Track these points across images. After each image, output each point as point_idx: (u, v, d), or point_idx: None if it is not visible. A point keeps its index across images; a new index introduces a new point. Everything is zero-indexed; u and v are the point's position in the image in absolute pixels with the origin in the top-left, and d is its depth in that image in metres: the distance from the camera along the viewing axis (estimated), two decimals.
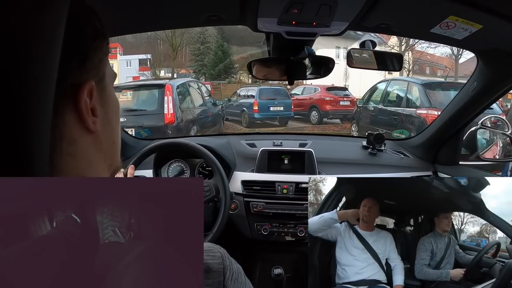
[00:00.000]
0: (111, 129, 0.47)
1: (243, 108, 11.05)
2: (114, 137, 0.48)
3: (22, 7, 0.26)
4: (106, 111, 0.45)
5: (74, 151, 0.40)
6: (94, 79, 0.42)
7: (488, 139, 1.78)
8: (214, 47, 21.49)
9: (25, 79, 0.27)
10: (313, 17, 1.01)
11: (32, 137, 0.29)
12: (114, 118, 0.48)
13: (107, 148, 0.46)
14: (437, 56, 21.21)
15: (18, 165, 0.28)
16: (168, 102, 5.78)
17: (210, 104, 7.89)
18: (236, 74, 21.97)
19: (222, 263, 0.55)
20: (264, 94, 10.91)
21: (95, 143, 0.43)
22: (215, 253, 0.56)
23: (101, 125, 0.44)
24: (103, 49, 0.44)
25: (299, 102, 11.87)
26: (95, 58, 0.42)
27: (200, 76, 20.88)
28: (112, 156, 0.48)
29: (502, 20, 0.91)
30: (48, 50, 0.29)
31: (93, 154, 0.43)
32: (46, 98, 0.30)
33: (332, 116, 11.34)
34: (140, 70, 19.69)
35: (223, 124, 9.13)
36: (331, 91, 11.54)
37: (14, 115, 0.27)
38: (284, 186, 1.60)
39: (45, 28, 0.28)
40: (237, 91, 12.64)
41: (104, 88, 0.45)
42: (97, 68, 0.43)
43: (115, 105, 0.49)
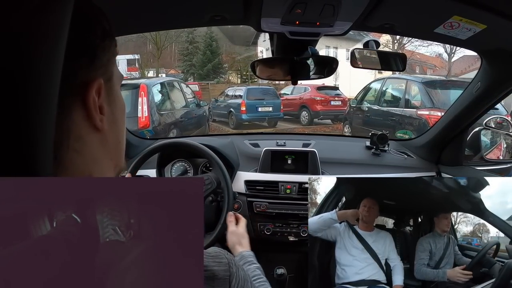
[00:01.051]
0: (117, 128, 0.48)
1: (231, 108, 10.75)
2: (120, 137, 0.49)
3: (26, 7, 0.26)
4: (112, 110, 0.46)
5: (81, 148, 0.40)
6: (103, 77, 0.43)
7: (492, 140, 1.78)
8: (202, 46, 21.38)
9: (29, 77, 0.27)
10: (316, 17, 1.01)
11: (36, 135, 0.29)
12: (120, 117, 0.48)
13: (113, 147, 0.47)
14: (427, 56, 21.24)
15: (23, 163, 0.29)
16: (143, 104, 5.33)
17: (194, 105, 7.54)
18: (225, 74, 21.92)
19: (228, 270, 0.55)
20: (252, 94, 10.60)
21: (102, 141, 0.44)
22: (221, 259, 0.55)
23: (108, 123, 0.44)
24: (111, 50, 0.45)
25: (289, 102, 11.56)
26: (104, 57, 0.43)
27: (188, 76, 20.80)
28: (117, 156, 0.48)
29: (506, 20, 0.90)
30: (52, 49, 0.29)
31: (100, 152, 0.44)
32: (50, 97, 0.30)
33: (323, 117, 11.02)
34: (129, 70, 19.17)
35: (209, 126, 8.76)
36: (321, 91, 11.18)
37: (19, 114, 0.27)
38: (288, 186, 1.60)
39: (49, 28, 0.28)
40: (224, 91, 12.30)
41: (112, 88, 0.46)
42: (105, 67, 0.44)
43: (121, 105, 0.49)
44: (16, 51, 0.26)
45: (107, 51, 0.44)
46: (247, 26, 1.17)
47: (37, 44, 0.27)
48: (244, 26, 1.17)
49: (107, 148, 0.45)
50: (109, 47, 0.44)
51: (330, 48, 16.83)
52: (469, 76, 12.81)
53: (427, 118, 5.51)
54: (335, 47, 16.89)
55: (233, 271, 0.55)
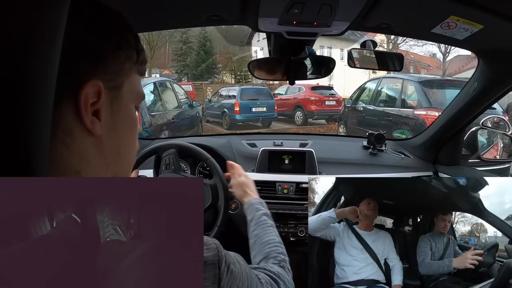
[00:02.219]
0: (117, 139, 0.47)
1: (224, 109, 10.70)
2: (120, 148, 0.48)
3: (22, 6, 0.26)
4: (115, 119, 0.46)
5: (70, 142, 0.41)
6: (106, 83, 0.43)
7: (489, 140, 1.78)
8: (196, 47, 21.41)
9: (25, 77, 0.27)
10: (314, 17, 1.01)
11: (31, 132, 0.29)
12: (123, 131, 0.48)
13: (110, 155, 0.47)
14: (421, 55, 21.37)
15: (18, 159, 0.28)
16: None
17: (187, 106, 7.49)
18: (219, 74, 21.89)
19: (217, 254, 0.55)
20: (246, 94, 10.55)
21: (96, 145, 0.44)
22: (209, 245, 0.56)
23: (105, 130, 0.44)
24: (126, 62, 0.46)
25: (283, 102, 11.52)
26: (113, 66, 0.44)
27: (182, 77, 20.76)
28: (116, 165, 0.48)
29: (503, 20, 0.90)
30: (49, 48, 0.29)
31: (93, 155, 0.44)
32: (45, 96, 0.30)
33: (318, 117, 10.98)
34: None
35: (202, 127, 8.70)
36: (316, 91, 11.14)
37: (14, 111, 0.27)
38: (285, 186, 1.60)
39: (45, 27, 0.28)
40: (218, 91, 12.25)
41: (118, 98, 0.46)
42: (112, 75, 0.44)
43: (129, 121, 0.49)
44: (12, 50, 0.26)
45: (119, 61, 0.45)
46: (241, 26, 1.17)
47: (34, 42, 0.27)
48: (238, 26, 1.17)
49: (102, 154, 0.45)
50: (124, 59, 0.46)
51: (324, 48, 16.82)
52: (464, 75, 12.86)
53: (424, 118, 5.41)
54: (329, 47, 16.92)
55: (222, 255, 0.56)
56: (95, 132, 0.43)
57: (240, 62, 20.13)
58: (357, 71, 9.39)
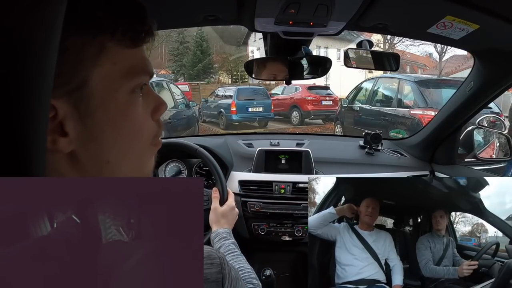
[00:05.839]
0: (100, 146, 0.41)
1: (221, 109, 10.63)
2: (108, 155, 0.42)
3: (18, 6, 0.26)
4: (89, 126, 0.39)
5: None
6: (58, 90, 0.35)
7: (485, 139, 1.79)
8: (193, 47, 21.27)
9: (22, 76, 0.27)
10: (310, 17, 1.00)
11: (29, 133, 0.29)
12: (109, 133, 0.41)
13: (95, 168, 0.42)
14: (417, 55, 21.46)
15: (15, 160, 0.28)
16: None
17: (183, 106, 7.45)
18: (216, 74, 21.82)
19: (220, 271, 0.53)
20: (242, 94, 10.52)
21: (71, 163, 0.40)
22: (213, 259, 0.54)
23: (78, 143, 0.39)
24: (85, 50, 0.38)
25: (280, 102, 11.48)
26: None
27: (179, 77, 20.64)
28: (110, 175, 0.43)
29: (499, 20, 0.91)
30: (45, 48, 0.29)
31: (72, 174, 0.40)
32: (43, 95, 0.30)
33: (314, 117, 10.97)
34: None
35: (198, 127, 8.65)
36: (312, 90, 11.11)
37: (11, 110, 0.27)
38: (282, 186, 1.60)
39: (42, 27, 0.28)
40: (215, 91, 12.19)
41: (86, 98, 0.38)
42: (63, 76, 0.36)
43: (115, 118, 0.41)
44: (9, 48, 0.26)
45: (70, 56, 0.37)
46: (237, 26, 1.16)
47: (31, 41, 0.27)
48: (235, 26, 1.17)
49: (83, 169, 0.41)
50: (79, 49, 0.37)
51: (320, 48, 16.79)
52: (460, 75, 12.91)
53: (421, 118, 5.45)
54: (325, 47, 16.89)
55: (226, 272, 0.54)
56: (62, 150, 0.38)
57: (236, 62, 20.08)
58: (353, 71, 9.40)
